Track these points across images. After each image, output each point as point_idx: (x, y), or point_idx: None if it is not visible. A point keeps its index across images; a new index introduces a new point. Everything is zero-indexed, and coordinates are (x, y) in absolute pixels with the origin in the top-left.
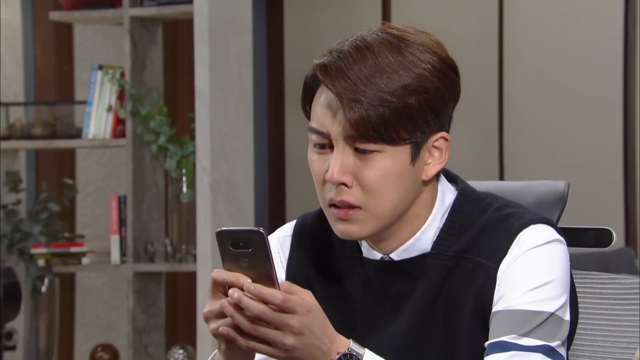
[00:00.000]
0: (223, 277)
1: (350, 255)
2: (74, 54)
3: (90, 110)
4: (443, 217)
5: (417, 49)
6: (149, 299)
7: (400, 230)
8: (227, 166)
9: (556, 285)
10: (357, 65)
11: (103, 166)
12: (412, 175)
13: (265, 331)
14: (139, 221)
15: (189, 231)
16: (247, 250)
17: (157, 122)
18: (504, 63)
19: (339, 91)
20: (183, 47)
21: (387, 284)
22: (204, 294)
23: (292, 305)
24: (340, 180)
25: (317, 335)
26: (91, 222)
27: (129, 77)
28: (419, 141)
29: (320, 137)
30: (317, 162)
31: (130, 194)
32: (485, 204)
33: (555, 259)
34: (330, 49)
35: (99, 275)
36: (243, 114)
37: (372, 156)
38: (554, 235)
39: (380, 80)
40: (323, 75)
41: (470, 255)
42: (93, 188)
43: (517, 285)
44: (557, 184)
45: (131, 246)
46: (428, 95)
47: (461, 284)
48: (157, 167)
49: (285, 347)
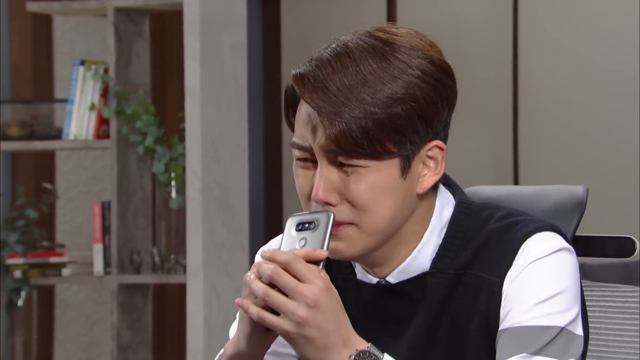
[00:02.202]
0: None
1: (345, 276)
2: (54, 48)
3: (71, 109)
4: (441, 233)
5: (405, 53)
6: (135, 313)
7: (394, 252)
8: (220, 169)
9: (566, 297)
10: (337, 75)
11: (85, 169)
12: (405, 189)
13: (277, 297)
14: (124, 229)
15: (178, 240)
16: (309, 231)
17: (144, 121)
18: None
19: (318, 104)
20: (172, 41)
21: (385, 308)
22: (194, 308)
23: (306, 270)
24: (326, 200)
25: (333, 319)
26: (72, 230)
27: (113, 73)
28: (408, 153)
29: (303, 153)
30: (301, 177)
31: (115, 200)
32: (486, 215)
33: (563, 269)
34: (311, 57)
35: (80, 287)
36: (237, 113)
37: (357, 171)
38: (561, 243)
39: (362, 91)
40: (300, 87)
41: (472, 271)
42: (74, 193)
43: (523, 300)
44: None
45: (115, 256)
46: (416, 103)
47: (464, 302)
48: (143, 171)
49: (297, 319)
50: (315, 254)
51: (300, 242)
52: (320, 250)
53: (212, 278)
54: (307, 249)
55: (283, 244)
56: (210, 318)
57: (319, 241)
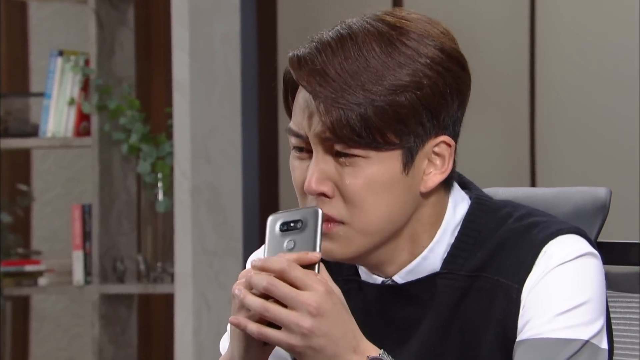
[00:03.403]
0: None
1: (347, 278)
2: (29, 38)
3: (49, 103)
4: (455, 231)
5: (414, 39)
6: (118, 326)
7: (396, 252)
8: (211, 170)
9: (590, 307)
10: (337, 59)
11: (64, 170)
12: (406, 187)
13: (277, 310)
14: (107, 234)
15: (165, 246)
16: (296, 231)
17: (128, 118)
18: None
19: (314, 89)
20: (158, 30)
21: (391, 311)
22: (182, 320)
23: (304, 277)
24: (319, 190)
25: (340, 324)
26: (49, 235)
27: (95, 64)
28: (412, 146)
29: (298, 140)
30: (297, 169)
31: (96, 203)
32: (504, 213)
33: (588, 277)
34: (311, 38)
35: (58, 298)
36: (229, 108)
37: (355, 162)
38: (586, 247)
39: (363, 77)
40: (296, 70)
41: (487, 274)
42: (52, 195)
43: (544, 309)
44: (597, 190)
45: (97, 264)
46: (422, 91)
47: (478, 307)
48: (127, 171)
49: (302, 331)
50: (309, 258)
51: (288, 244)
52: (312, 253)
53: (202, 288)
54: (298, 252)
55: (267, 248)
56: (200, 331)
57: (310, 242)
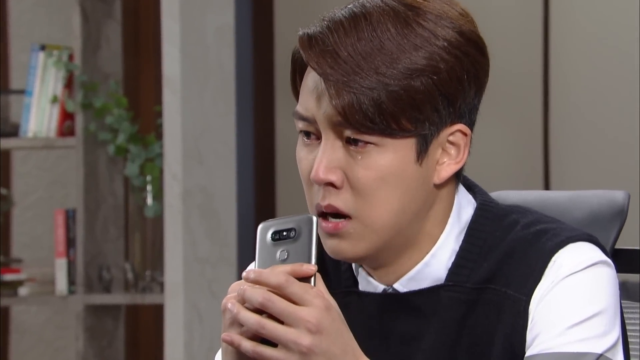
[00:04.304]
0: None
1: (346, 290)
2: (9, 31)
3: (30, 101)
4: (459, 237)
5: (431, 20)
6: (104, 339)
7: (404, 255)
8: (203, 172)
9: (604, 319)
10: (350, 40)
11: (46, 172)
12: (419, 178)
13: (274, 327)
14: (92, 241)
15: (154, 254)
16: (289, 240)
17: (115, 116)
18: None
19: (325, 71)
20: (147, 23)
21: (392, 323)
22: (173, 333)
23: (302, 292)
24: (327, 179)
25: (340, 342)
26: (31, 242)
27: (79, 60)
28: (426, 133)
29: (306, 124)
30: (304, 157)
31: (81, 207)
32: (511, 220)
33: (601, 286)
34: (323, 16)
35: (40, 309)
36: (223, 106)
37: (367, 151)
38: (599, 255)
39: (377, 59)
40: (306, 50)
41: (494, 286)
42: (33, 199)
43: (554, 322)
44: (614, 194)
45: (81, 273)
46: (438, 76)
47: (485, 322)
48: (114, 174)
49: (301, 349)
50: (304, 270)
51: (281, 254)
52: (308, 265)
53: (194, 298)
54: (292, 265)
55: (258, 258)
56: (192, 344)
57: (305, 252)
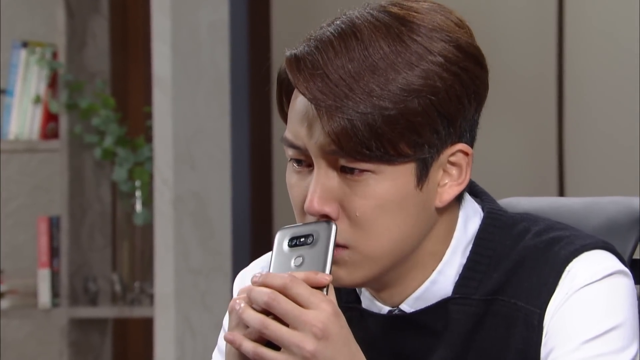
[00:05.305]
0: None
1: (347, 305)
2: None
3: (11, 102)
4: (466, 250)
5: (426, 35)
6: (90, 354)
7: (408, 276)
8: (196, 177)
9: (622, 332)
10: (340, 60)
11: (28, 177)
12: (420, 203)
13: (278, 328)
14: (77, 250)
15: (144, 263)
16: (306, 246)
17: (102, 118)
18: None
19: (315, 96)
20: (136, 19)
21: (399, 343)
22: (163, 347)
23: (308, 294)
24: (322, 211)
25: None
26: (12, 251)
27: (64, 58)
28: (426, 157)
29: (297, 152)
30: (295, 185)
31: (66, 214)
32: (521, 228)
33: (618, 298)
34: (310, 35)
35: (22, 323)
36: (217, 107)
37: (364, 179)
38: (616, 264)
39: (370, 80)
40: (294, 73)
41: (504, 297)
42: (14, 206)
43: (569, 336)
44: (632, 201)
45: (66, 284)
46: (436, 97)
47: (495, 335)
48: (101, 179)
49: (304, 354)
50: (317, 279)
51: (296, 260)
52: (323, 275)
53: (186, 311)
54: (306, 271)
55: (273, 264)
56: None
57: (320, 260)
